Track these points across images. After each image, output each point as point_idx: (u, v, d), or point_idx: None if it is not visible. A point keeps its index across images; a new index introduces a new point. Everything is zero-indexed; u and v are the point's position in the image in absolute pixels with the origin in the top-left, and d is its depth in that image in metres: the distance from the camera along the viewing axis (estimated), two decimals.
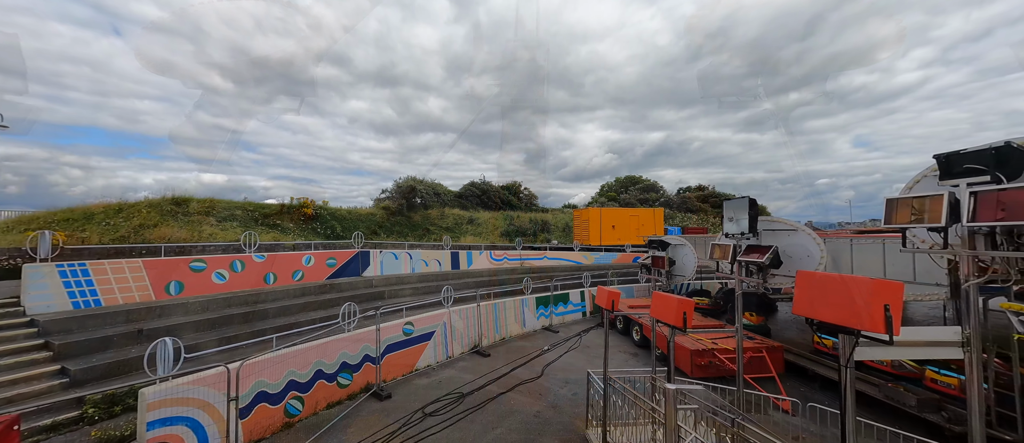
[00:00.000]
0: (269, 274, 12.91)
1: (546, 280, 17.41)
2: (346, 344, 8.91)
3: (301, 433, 7.30)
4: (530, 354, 11.98)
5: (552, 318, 15.52)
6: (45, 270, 8.69)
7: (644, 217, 27.55)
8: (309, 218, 25.23)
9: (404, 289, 15.72)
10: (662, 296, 4.60)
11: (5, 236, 15.21)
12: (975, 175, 2.58)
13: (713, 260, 5.57)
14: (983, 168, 2.52)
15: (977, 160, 2.53)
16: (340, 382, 8.64)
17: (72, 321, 8.33)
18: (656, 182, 55.65)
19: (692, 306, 4.34)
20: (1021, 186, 2.21)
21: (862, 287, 2.22)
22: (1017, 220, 2.26)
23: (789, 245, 4.22)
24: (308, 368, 8.02)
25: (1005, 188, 2.28)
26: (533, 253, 23.76)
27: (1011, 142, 2.47)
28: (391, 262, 17.34)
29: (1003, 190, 2.29)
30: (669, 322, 4.38)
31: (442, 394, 9.00)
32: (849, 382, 2.37)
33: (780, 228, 4.29)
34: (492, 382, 9.76)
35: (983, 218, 2.37)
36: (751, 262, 4.37)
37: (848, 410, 2.51)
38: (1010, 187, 2.26)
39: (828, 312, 2.41)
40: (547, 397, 8.96)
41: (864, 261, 8.39)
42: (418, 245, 22.43)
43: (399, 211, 30.92)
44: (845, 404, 2.51)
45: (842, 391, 2.40)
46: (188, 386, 6.18)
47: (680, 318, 4.26)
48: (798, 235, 4.16)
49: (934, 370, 7.53)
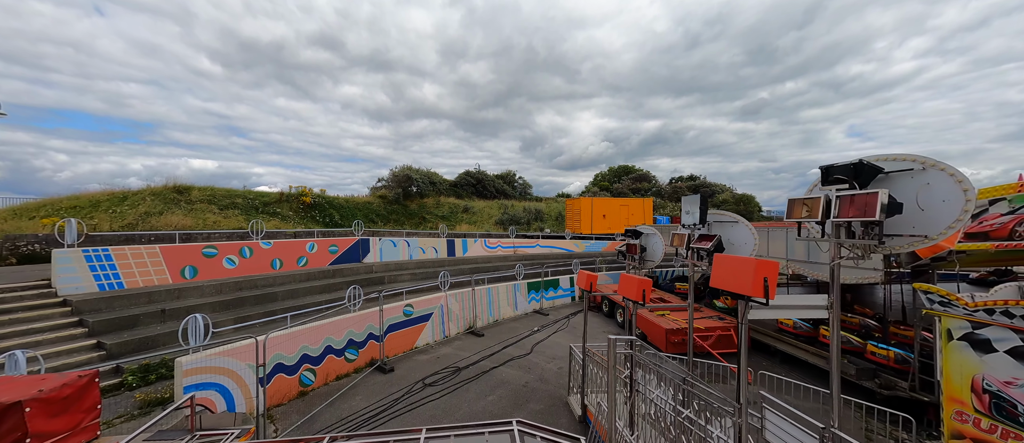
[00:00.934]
0: (275, 260, 13.68)
1: (538, 267, 18.33)
2: (352, 323, 9.77)
3: (314, 400, 8.19)
4: (521, 334, 12.94)
5: (542, 302, 16.48)
6: (72, 255, 9.40)
7: (634, 207, 28.47)
8: (308, 206, 25.86)
9: (403, 275, 16.56)
10: (628, 277, 5.48)
11: (11, 222, 15.77)
12: (841, 183, 3.45)
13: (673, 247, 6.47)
14: (846, 178, 3.39)
15: (842, 172, 3.39)
16: (347, 357, 9.53)
17: (100, 302, 9.09)
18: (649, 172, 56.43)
19: (650, 284, 5.20)
20: (868, 191, 3.07)
21: (750, 265, 3.06)
22: (865, 217, 3.13)
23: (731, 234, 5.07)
24: (319, 344, 8.88)
25: (857, 193, 3.15)
26: (526, 241, 24.64)
27: (863, 160, 3.32)
28: (390, 249, 18.14)
29: (855, 194, 3.16)
30: (632, 297, 5.27)
31: (440, 368, 9.92)
32: (745, 335, 3.24)
33: (725, 220, 5.13)
34: (485, 358, 10.70)
35: (844, 215, 3.25)
36: (701, 248, 5.24)
37: (742, 358, 3.39)
38: (860, 192, 3.13)
39: (732, 284, 3.27)
40: (535, 371, 9.92)
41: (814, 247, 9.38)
42: (415, 233, 23.19)
43: (396, 200, 31.59)
44: (741, 354, 3.39)
45: (739, 343, 3.28)
46: (217, 357, 7.02)
47: (640, 294, 5.14)
48: (738, 226, 5.01)
49: (874, 344, 8.56)
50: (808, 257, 8.62)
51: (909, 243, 3.13)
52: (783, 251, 9.54)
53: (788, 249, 9.50)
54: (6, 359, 5.01)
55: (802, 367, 9.80)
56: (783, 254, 9.44)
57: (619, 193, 46.76)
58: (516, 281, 15.68)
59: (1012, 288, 6.16)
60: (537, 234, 27.61)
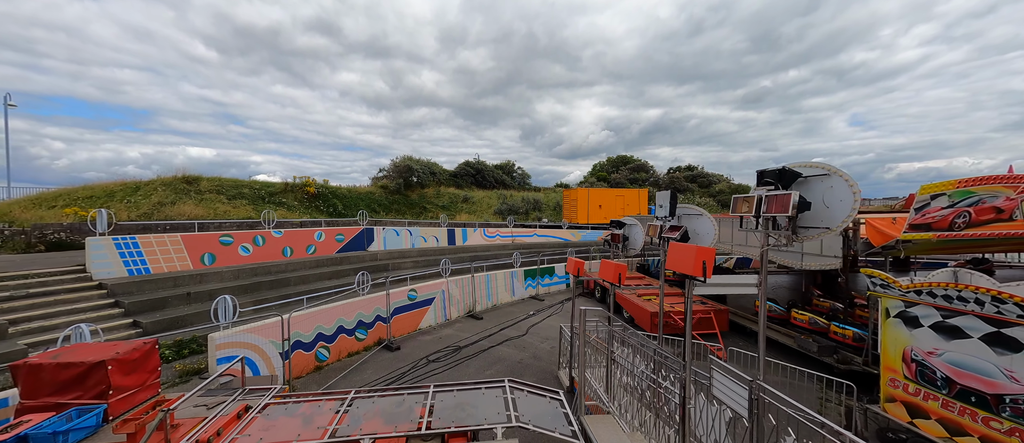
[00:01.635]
0: (286, 248, 14.51)
1: (535, 255, 19.18)
2: (361, 306, 10.63)
3: (329, 373, 9.09)
4: (517, 318, 13.84)
5: (539, 289, 17.37)
6: (104, 242, 10.21)
7: (629, 197, 29.22)
8: (312, 196, 26.62)
9: (406, 262, 17.41)
10: (606, 262, 6.29)
11: (32, 212, 16.55)
12: (768, 185, 4.24)
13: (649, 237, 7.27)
14: (773, 181, 4.17)
15: (771, 176, 4.17)
16: (357, 336, 10.41)
17: (131, 285, 9.94)
18: (647, 162, 56.82)
19: (625, 268, 6.01)
20: (784, 192, 3.87)
21: (693, 251, 3.85)
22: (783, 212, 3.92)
23: (696, 225, 5.86)
24: (332, 324, 9.75)
25: (778, 193, 3.94)
26: (524, 230, 25.46)
27: (786, 167, 4.10)
28: (393, 238, 18.96)
29: (777, 194, 3.95)
30: (610, 280, 6.09)
31: (442, 347, 10.82)
32: (689, 309, 4.04)
33: (691, 213, 5.92)
34: (484, 339, 11.60)
35: (769, 211, 4.04)
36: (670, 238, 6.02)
37: (688, 330, 4.19)
38: (779, 193, 3.92)
39: (680, 267, 4.06)
40: (529, 350, 10.82)
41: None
42: (417, 222, 23.97)
43: (397, 190, 32.32)
44: (687, 326, 4.19)
45: (685, 316, 4.08)
46: (244, 333, 7.88)
47: (616, 277, 5.96)
48: (702, 218, 5.79)
49: (836, 325, 9.43)
50: None
51: (815, 233, 3.94)
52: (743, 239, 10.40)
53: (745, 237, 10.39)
54: (73, 331, 5.85)
55: (774, 345, 10.70)
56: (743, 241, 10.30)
57: (617, 183, 47.34)
58: (513, 268, 16.53)
59: (948, 272, 6.98)
60: (535, 224, 28.42)
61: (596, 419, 5.38)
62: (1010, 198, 7.16)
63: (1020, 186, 7.15)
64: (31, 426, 3.73)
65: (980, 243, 8.13)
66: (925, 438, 6.04)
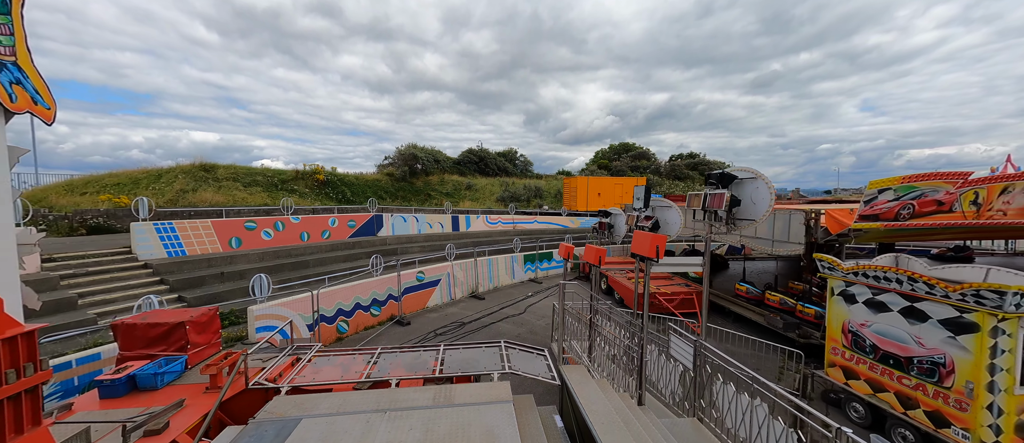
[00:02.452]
0: (303, 233, 15.68)
1: (535, 241, 20.27)
2: (375, 286, 11.81)
3: (348, 344, 10.32)
4: (516, 299, 15.01)
5: (537, 272, 18.51)
6: (146, 227, 11.40)
7: (627, 186, 30.07)
8: (321, 183, 27.73)
9: (413, 246, 18.57)
10: (591, 247, 7.36)
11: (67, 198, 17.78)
12: (712, 185, 5.26)
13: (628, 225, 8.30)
14: (715, 182, 5.18)
15: (714, 178, 5.18)
16: (372, 312, 11.62)
17: (172, 265, 11.15)
18: (648, 149, 57.08)
19: (605, 251, 7.06)
20: (719, 191, 4.90)
21: (649, 237, 4.89)
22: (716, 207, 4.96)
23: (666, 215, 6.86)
24: (350, 301, 10.94)
25: (716, 192, 4.96)
26: (525, 217, 26.52)
27: (725, 171, 5.09)
28: (400, 224, 20.09)
29: (716, 193, 4.98)
30: (592, 262, 7.17)
31: (448, 323, 12.02)
32: (646, 288, 5.09)
33: (662, 204, 6.93)
34: (485, 316, 12.80)
35: (711, 206, 5.07)
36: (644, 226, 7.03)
37: (645, 298, 5.25)
38: (717, 192, 4.95)
39: (641, 250, 5.11)
40: (526, 325, 12.01)
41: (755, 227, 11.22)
42: (423, 209, 25.06)
43: (402, 177, 33.35)
44: (645, 304, 5.26)
45: (644, 288, 5.14)
46: (276, 306, 9.07)
47: (598, 259, 7.03)
48: (671, 210, 6.80)
49: (802, 304, 10.50)
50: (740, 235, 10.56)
51: (744, 224, 4.96)
52: None
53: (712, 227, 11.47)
54: (144, 301, 7.03)
55: (750, 324, 11.80)
56: None
57: (619, 171, 47.93)
58: (514, 253, 17.66)
59: (890, 257, 7.99)
60: (536, 211, 29.44)
61: (571, 368, 6.50)
62: (949, 192, 8.12)
63: (959, 182, 8.11)
64: (135, 369, 4.89)
65: (924, 232, 9.10)
66: (855, 395, 7.16)
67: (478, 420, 3.38)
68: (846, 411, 7.42)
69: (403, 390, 4.29)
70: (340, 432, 3.22)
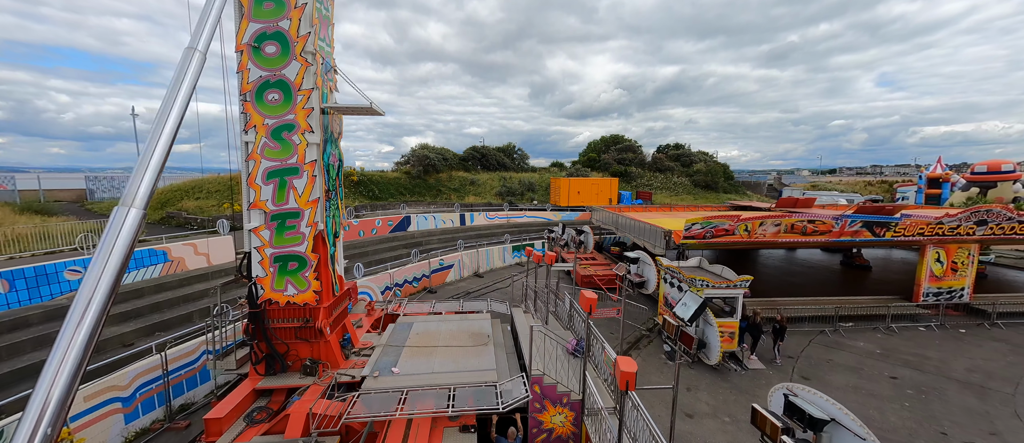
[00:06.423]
0: (360, 230, 22.77)
1: (523, 232, 27.22)
2: (414, 269, 18.97)
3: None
4: (505, 277, 22.18)
5: (522, 258, 25.63)
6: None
7: (602, 185, 36.75)
8: (355, 183, 34.59)
9: (433, 239, 25.66)
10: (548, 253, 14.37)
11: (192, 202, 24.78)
12: (630, 260, 12.05)
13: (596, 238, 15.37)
14: (628, 260, 11.93)
15: (628, 259, 11.89)
16: (413, 285, 18.85)
17: None
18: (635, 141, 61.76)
19: (555, 256, 14.03)
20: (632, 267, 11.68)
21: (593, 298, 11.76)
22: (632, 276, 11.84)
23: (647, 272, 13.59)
24: (400, 278, 18.14)
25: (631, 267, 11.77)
26: (518, 212, 33.43)
27: (628, 254, 11.71)
28: (423, 222, 27.14)
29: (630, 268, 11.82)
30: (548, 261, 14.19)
31: (459, 292, 19.23)
32: (577, 269, 11.96)
33: (644, 263, 13.60)
34: (484, 288, 20.00)
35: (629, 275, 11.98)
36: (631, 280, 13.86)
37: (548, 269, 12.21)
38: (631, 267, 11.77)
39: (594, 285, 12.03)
40: (507, 293, 19.20)
41: None
42: (438, 208, 31.97)
43: (418, 175, 40.11)
44: (551, 264, 12.24)
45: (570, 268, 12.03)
46: (367, 280, 16.27)
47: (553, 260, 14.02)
48: (650, 267, 13.49)
49: None
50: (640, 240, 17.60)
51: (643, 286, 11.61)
52: None
53: None
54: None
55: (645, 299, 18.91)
56: None
57: (605, 165, 53.81)
58: (505, 244, 24.73)
59: (696, 260, 14.95)
60: (527, 205, 36.30)
61: (518, 310, 13.57)
62: (731, 224, 15.07)
63: (736, 218, 15.05)
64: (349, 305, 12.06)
65: (721, 246, 16.01)
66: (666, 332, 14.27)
67: (478, 325, 10.52)
68: (662, 340, 14.61)
69: (446, 316, 11.49)
70: (427, 325, 10.39)
